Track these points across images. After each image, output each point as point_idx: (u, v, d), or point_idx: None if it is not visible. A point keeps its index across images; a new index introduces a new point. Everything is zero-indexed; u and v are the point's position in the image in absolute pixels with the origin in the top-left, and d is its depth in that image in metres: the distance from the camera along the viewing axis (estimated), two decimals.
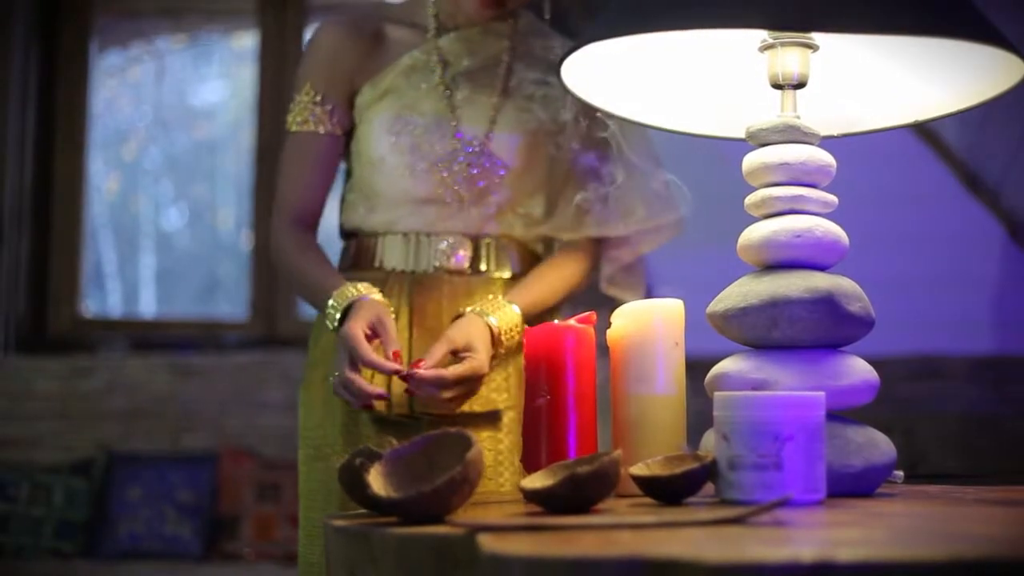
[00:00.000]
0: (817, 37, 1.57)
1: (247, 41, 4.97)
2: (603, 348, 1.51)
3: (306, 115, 2.07)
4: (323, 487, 2.01)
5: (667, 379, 1.47)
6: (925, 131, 4.38)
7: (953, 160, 4.45)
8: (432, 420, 1.94)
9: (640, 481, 1.32)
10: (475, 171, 2.03)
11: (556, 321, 1.54)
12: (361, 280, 1.96)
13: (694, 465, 1.30)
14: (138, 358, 4.59)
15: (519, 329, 1.95)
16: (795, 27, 1.51)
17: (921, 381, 4.45)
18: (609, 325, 1.51)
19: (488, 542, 0.99)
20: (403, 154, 2.03)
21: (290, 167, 2.08)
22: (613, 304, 1.54)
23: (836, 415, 1.45)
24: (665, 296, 1.52)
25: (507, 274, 2.05)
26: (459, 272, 2.03)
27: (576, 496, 1.22)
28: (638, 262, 2.15)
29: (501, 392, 2.00)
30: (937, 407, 4.42)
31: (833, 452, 1.39)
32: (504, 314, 1.94)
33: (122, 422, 4.47)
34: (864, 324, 1.48)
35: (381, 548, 1.14)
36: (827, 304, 1.44)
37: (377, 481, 1.24)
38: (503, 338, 1.92)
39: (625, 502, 1.34)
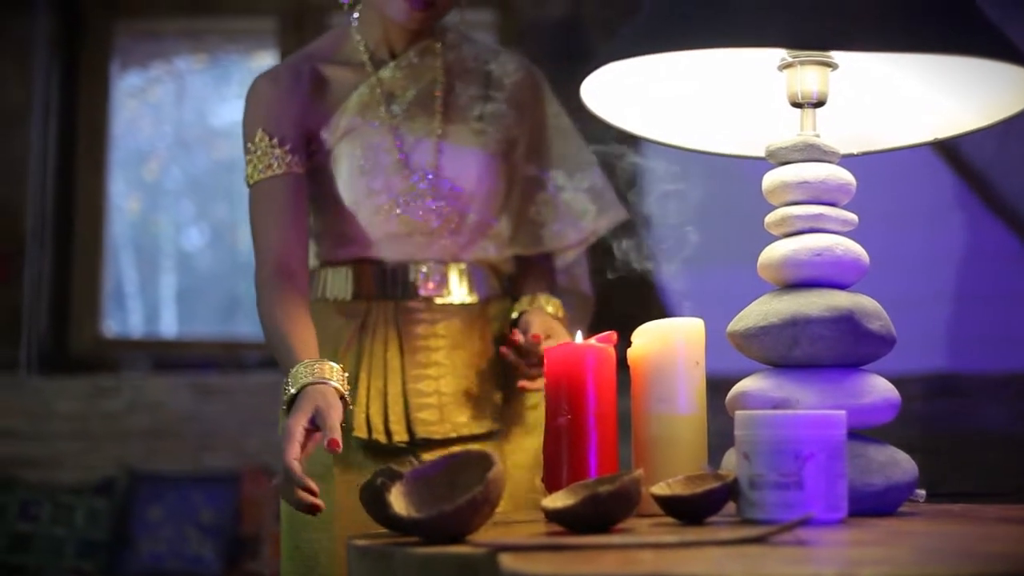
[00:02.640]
0: (836, 55, 1.58)
1: (267, 61, 4.98)
2: (624, 367, 1.51)
3: (267, 160, 2.01)
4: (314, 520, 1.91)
5: (688, 398, 1.47)
6: (944, 148, 4.37)
7: (972, 176, 4.44)
8: (428, 447, 1.98)
9: (661, 500, 1.32)
10: (433, 203, 2.04)
11: (576, 341, 1.54)
12: (342, 309, 2.04)
13: (715, 484, 1.30)
14: (159, 378, 4.60)
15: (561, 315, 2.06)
16: (814, 46, 1.52)
17: (941, 399, 4.43)
18: (630, 344, 1.51)
19: (510, 561, 0.99)
20: (375, 196, 2.04)
21: (263, 217, 2.02)
22: (633, 323, 1.54)
23: (857, 434, 1.45)
24: (685, 315, 1.52)
25: (476, 299, 2.07)
26: (437, 299, 2.05)
27: (597, 515, 1.22)
28: (582, 255, 2.20)
29: (497, 412, 2.05)
30: (957, 425, 4.40)
31: (854, 471, 1.39)
32: (550, 302, 2.07)
33: (144, 442, 4.48)
34: (885, 342, 1.48)
35: (403, 568, 1.14)
36: (848, 322, 1.44)
37: (399, 501, 1.24)
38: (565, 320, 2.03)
39: (646, 521, 1.34)
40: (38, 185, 4.70)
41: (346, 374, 1.80)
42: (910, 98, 1.69)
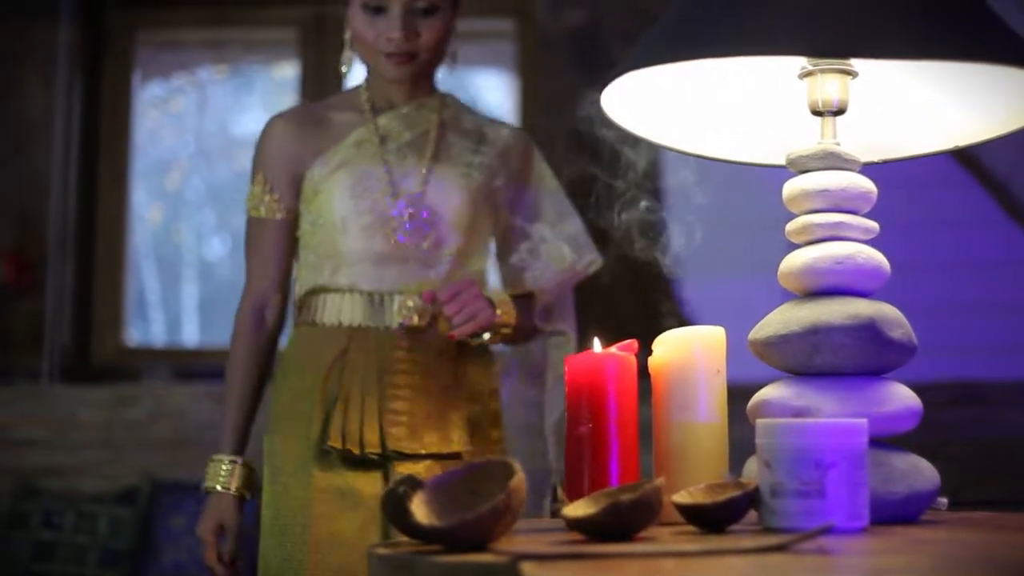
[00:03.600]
0: (856, 63, 1.58)
1: (288, 71, 5.00)
2: (645, 375, 1.52)
3: (257, 202, 2.39)
4: (292, 524, 2.25)
5: (709, 407, 1.47)
6: (965, 156, 4.36)
7: (993, 185, 4.43)
8: (400, 459, 2.23)
9: (683, 509, 1.32)
10: (415, 226, 2.30)
11: (597, 349, 1.54)
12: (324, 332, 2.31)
13: (736, 493, 1.30)
14: (181, 386, 4.61)
15: (511, 308, 2.28)
16: (834, 53, 1.52)
17: (963, 407, 4.41)
18: (650, 353, 1.52)
19: (531, 570, 0.99)
20: (362, 215, 2.30)
21: (252, 249, 2.42)
22: (654, 332, 1.54)
23: (879, 442, 1.45)
24: (706, 324, 1.52)
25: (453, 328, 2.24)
26: (416, 328, 2.28)
27: (619, 524, 1.22)
28: (568, 295, 2.44)
29: (464, 435, 2.28)
30: (979, 433, 4.38)
31: (876, 479, 1.39)
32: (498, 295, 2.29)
33: (166, 450, 4.49)
34: (906, 350, 1.48)
35: None
36: (869, 331, 1.44)
37: (420, 509, 1.24)
38: (495, 299, 2.26)
39: (668, 530, 1.34)
40: (60, 195, 4.73)
41: (252, 470, 2.31)
42: (930, 106, 1.69)
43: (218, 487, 2.29)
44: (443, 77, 2.45)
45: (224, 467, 2.30)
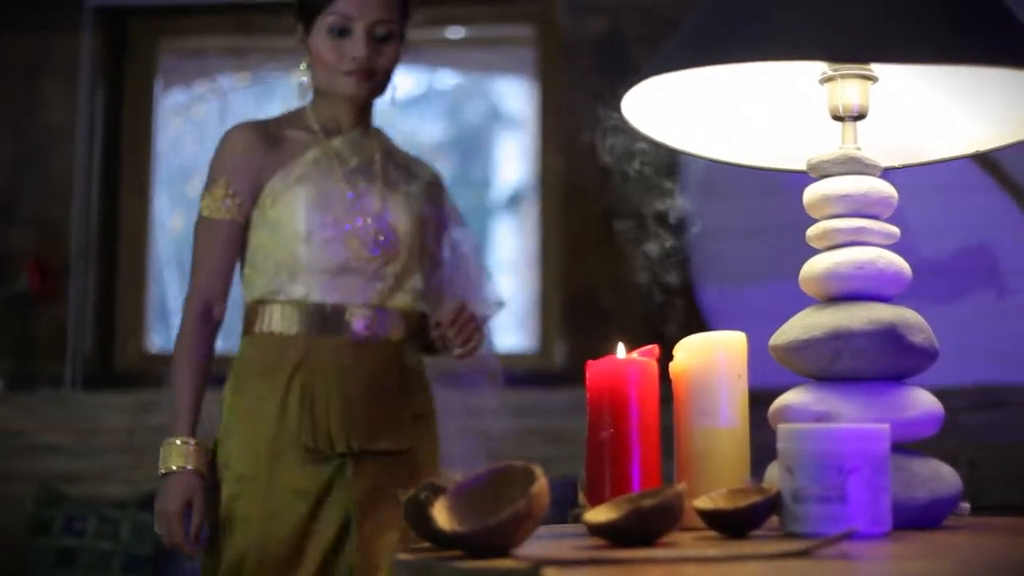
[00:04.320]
0: (876, 68, 1.58)
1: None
2: (666, 380, 1.52)
3: (218, 204, 2.55)
4: (248, 516, 2.45)
5: (730, 412, 1.47)
6: (986, 160, 4.34)
7: (1014, 189, 4.41)
8: (357, 457, 2.46)
9: (704, 514, 1.32)
10: (375, 242, 2.54)
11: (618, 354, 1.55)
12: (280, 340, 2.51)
13: (758, 498, 1.30)
14: (208, 393, 4.62)
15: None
16: (854, 58, 1.52)
17: (984, 412, 4.39)
18: (671, 358, 1.52)
19: (553, 575, 0.99)
20: (325, 228, 2.52)
21: (205, 249, 2.57)
22: (675, 337, 1.54)
23: (901, 447, 1.45)
24: (727, 328, 1.52)
25: (397, 338, 2.56)
26: (366, 338, 2.53)
27: (640, 529, 1.22)
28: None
29: (411, 432, 2.55)
30: (1001, 438, 4.36)
31: (898, 484, 1.38)
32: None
33: None
34: (928, 355, 1.47)
35: None
36: (890, 336, 1.44)
37: (442, 514, 1.25)
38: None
39: (689, 535, 1.34)
40: (83, 203, 4.75)
41: (207, 450, 2.49)
42: (952, 110, 1.68)
43: (180, 466, 2.44)
44: (463, 84, 2.50)
45: (181, 448, 2.46)
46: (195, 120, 5.25)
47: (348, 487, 2.48)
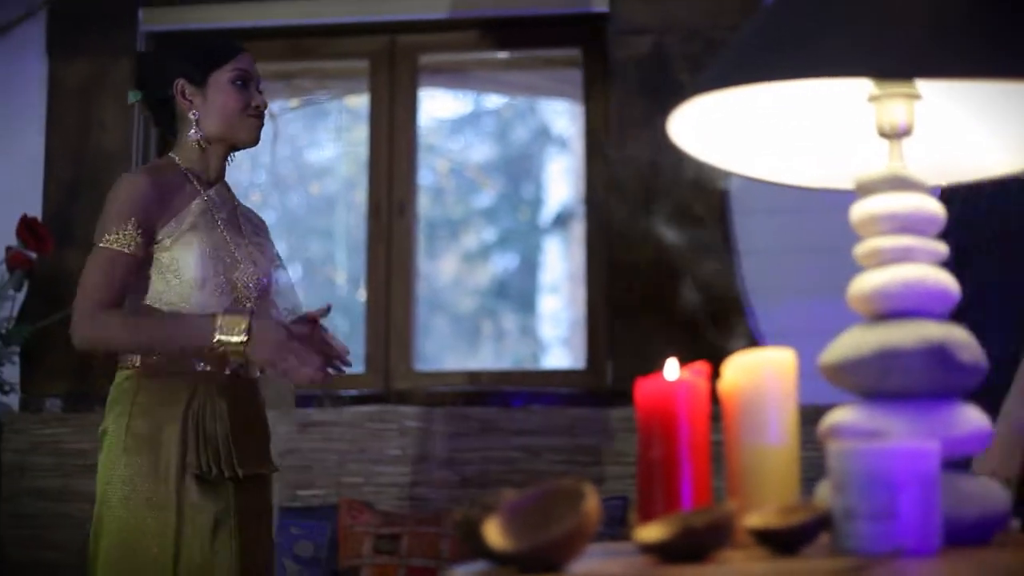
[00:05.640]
0: (922, 85, 1.58)
1: (359, 101, 5.06)
2: (716, 398, 1.52)
3: (127, 240, 2.78)
4: (155, 534, 2.73)
5: (780, 429, 1.48)
6: None
7: None
8: (240, 481, 2.82)
9: (755, 532, 1.32)
10: (257, 283, 2.92)
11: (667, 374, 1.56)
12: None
13: (809, 516, 1.31)
14: None
15: None
16: (899, 75, 1.52)
17: None
18: (720, 376, 1.52)
19: None
20: (217, 276, 2.85)
21: (106, 279, 2.77)
22: (725, 355, 1.55)
23: (951, 464, 1.45)
24: (776, 346, 1.53)
25: (256, 375, 2.94)
26: (242, 375, 2.89)
27: (691, 547, 1.23)
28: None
29: (271, 455, 2.98)
30: None
31: (948, 502, 1.39)
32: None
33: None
34: (976, 372, 1.48)
35: None
36: (939, 353, 1.44)
37: (494, 532, 1.26)
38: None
39: (740, 553, 1.35)
40: None
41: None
42: (998, 126, 1.69)
43: (248, 324, 2.74)
44: (511, 105, 2.52)
45: (227, 319, 2.75)
46: None
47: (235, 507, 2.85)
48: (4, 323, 4.63)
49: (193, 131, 2.95)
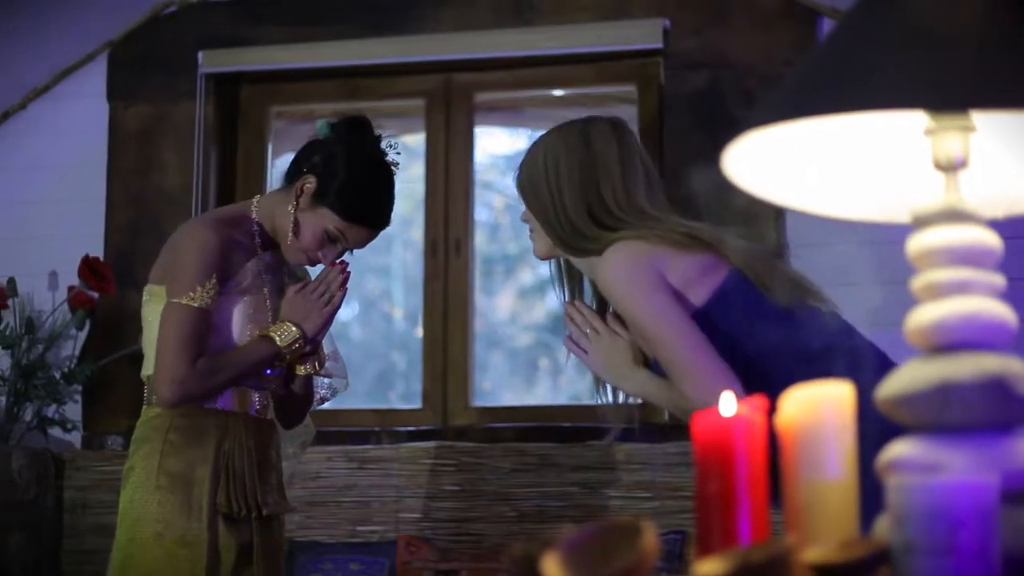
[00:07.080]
0: (978, 117, 1.58)
1: (415, 140, 5.10)
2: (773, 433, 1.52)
3: (209, 298, 2.89)
4: (187, 571, 2.85)
5: (838, 464, 1.47)
6: None
7: None
8: (264, 519, 3.02)
9: (815, 566, 1.32)
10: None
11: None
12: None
13: (868, 550, 1.30)
14: (316, 448, 4.70)
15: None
16: (956, 107, 1.52)
17: None
18: (778, 410, 1.52)
19: None
20: (252, 332, 3.01)
21: (192, 334, 2.88)
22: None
23: (1011, 497, 1.44)
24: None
25: (272, 415, 3.14)
26: (263, 417, 3.07)
27: None
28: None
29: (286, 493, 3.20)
30: None
31: (1008, 535, 1.38)
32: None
33: (302, 511, 4.57)
34: None
35: None
36: (998, 387, 1.44)
37: (553, 569, 1.27)
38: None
39: None
40: None
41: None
42: None
43: (297, 327, 2.97)
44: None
45: (272, 328, 2.98)
46: None
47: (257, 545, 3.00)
48: (67, 362, 4.70)
49: (291, 207, 2.99)
